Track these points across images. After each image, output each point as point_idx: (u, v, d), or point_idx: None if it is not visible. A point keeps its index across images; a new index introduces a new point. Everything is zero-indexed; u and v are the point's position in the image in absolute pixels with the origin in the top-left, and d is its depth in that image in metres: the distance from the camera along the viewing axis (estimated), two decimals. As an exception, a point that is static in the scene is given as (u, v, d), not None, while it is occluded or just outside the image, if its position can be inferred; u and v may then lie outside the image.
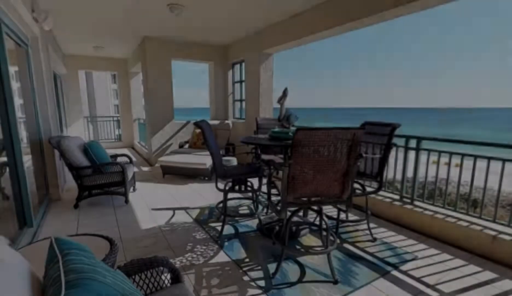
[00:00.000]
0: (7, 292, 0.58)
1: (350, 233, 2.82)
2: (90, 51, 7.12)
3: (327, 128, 1.80)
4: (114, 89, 33.74)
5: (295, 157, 1.86)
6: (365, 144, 2.85)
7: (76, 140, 3.63)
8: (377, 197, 3.28)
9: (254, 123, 4.22)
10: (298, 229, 2.75)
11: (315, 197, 2.07)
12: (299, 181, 1.95)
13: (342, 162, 1.93)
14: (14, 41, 2.97)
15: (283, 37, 4.51)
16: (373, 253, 2.43)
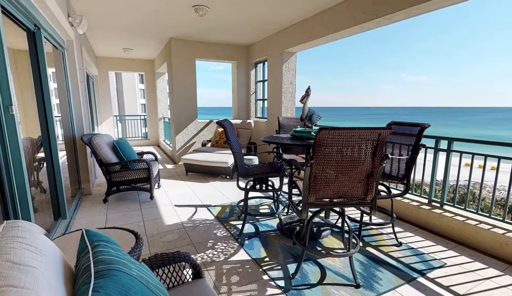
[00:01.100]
0: (45, 279, 0.63)
1: (374, 236, 2.74)
2: (119, 53, 7.46)
3: (351, 128, 1.75)
4: (142, 89, 35.05)
5: (317, 157, 1.83)
6: (391, 145, 2.74)
7: (106, 138, 3.82)
8: (403, 200, 3.15)
9: (276, 123, 4.21)
10: (319, 230, 2.71)
11: (338, 198, 2.03)
12: (321, 182, 1.92)
13: (366, 162, 1.87)
14: (52, 45, 3.17)
15: (306, 36, 4.45)
16: (398, 258, 2.34)
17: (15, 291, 0.53)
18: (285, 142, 2.61)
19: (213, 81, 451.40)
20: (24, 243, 0.69)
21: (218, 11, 4.07)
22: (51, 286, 0.64)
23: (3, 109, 1.69)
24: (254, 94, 6.69)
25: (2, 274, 0.56)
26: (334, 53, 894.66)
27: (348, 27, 3.65)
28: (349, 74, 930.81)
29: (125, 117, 10.19)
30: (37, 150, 2.95)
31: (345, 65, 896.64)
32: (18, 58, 3.37)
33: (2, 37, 1.69)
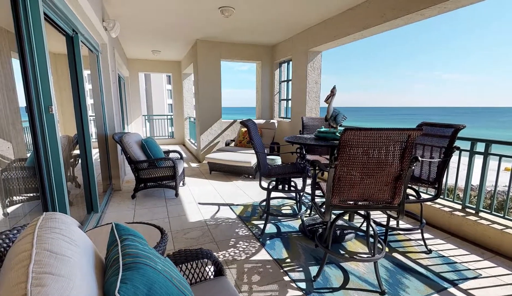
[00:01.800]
0: (78, 268, 0.67)
1: (401, 242, 2.62)
2: (149, 55, 7.76)
3: (378, 129, 1.69)
4: (169, 89, 36.21)
5: (342, 158, 1.79)
6: (422, 146, 2.61)
7: (135, 136, 3.99)
8: (434, 205, 2.99)
9: (300, 123, 4.17)
10: (343, 233, 2.65)
11: (363, 201, 1.97)
12: (345, 183, 1.87)
13: (394, 165, 1.80)
14: (88, 48, 3.37)
15: (333, 34, 4.36)
16: (427, 266, 2.22)
17: (52, 278, 0.57)
18: (308, 142, 2.57)
19: (238, 82, 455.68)
20: (60, 234, 0.74)
21: (243, 12, 4.11)
22: (83, 275, 0.68)
23: (43, 109, 1.83)
24: (278, 94, 6.67)
25: (41, 262, 0.60)
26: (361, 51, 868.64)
27: (376, 24, 3.53)
28: (376, 73, 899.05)
29: (153, 117, 10.59)
30: (73, 147, 3.14)
31: (372, 64, 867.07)
32: (58, 62, 3.62)
33: (45, 42, 1.82)
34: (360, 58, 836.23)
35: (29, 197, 2.07)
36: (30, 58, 1.73)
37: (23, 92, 1.78)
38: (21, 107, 1.91)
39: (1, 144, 1.89)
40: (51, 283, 0.56)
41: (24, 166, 2.12)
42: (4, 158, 1.93)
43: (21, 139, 2.13)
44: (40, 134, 1.81)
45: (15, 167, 2.04)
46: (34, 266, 0.58)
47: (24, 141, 2.18)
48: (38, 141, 1.80)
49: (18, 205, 2.04)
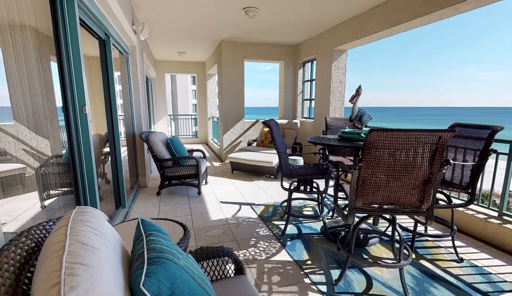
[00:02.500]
0: (107, 259, 0.71)
1: (429, 249, 2.49)
2: (175, 56, 8.00)
3: (406, 130, 1.63)
4: (193, 90, 37.07)
5: (366, 159, 1.74)
6: (454, 149, 2.47)
7: (160, 135, 4.13)
8: (466, 212, 2.81)
9: (323, 123, 4.10)
10: (367, 237, 2.57)
11: (388, 205, 1.90)
12: (370, 186, 1.82)
13: (423, 168, 1.72)
14: (119, 51, 3.54)
15: (359, 32, 4.25)
16: (457, 276, 2.10)
17: (83, 268, 0.60)
18: (332, 143, 2.52)
19: (261, 82, 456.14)
20: (91, 227, 0.78)
21: (267, 12, 4.11)
22: (111, 266, 0.71)
23: (78, 109, 1.94)
24: (301, 94, 6.61)
25: (74, 252, 0.64)
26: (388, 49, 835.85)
27: (405, 21, 3.39)
28: (404, 71, 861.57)
29: (178, 116, 10.88)
30: (104, 145, 3.31)
31: (400, 62, 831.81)
32: (91, 64, 3.84)
33: (80, 46, 1.93)
34: (386, 56, 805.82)
35: (64, 191, 2.21)
36: (67, 61, 1.85)
37: (60, 93, 1.91)
38: (58, 107, 2.04)
39: (40, 141, 2.03)
40: (82, 273, 0.59)
41: (59, 162, 2.26)
42: (43, 154, 2.07)
43: (57, 137, 2.28)
44: (74, 133, 1.93)
45: (52, 162, 2.18)
46: (67, 256, 0.62)
47: (60, 139, 2.33)
48: (72, 139, 1.92)
49: (54, 199, 2.18)
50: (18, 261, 0.72)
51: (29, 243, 0.79)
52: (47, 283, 0.57)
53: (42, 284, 0.58)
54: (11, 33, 1.75)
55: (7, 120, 1.80)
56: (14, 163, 1.82)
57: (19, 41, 1.83)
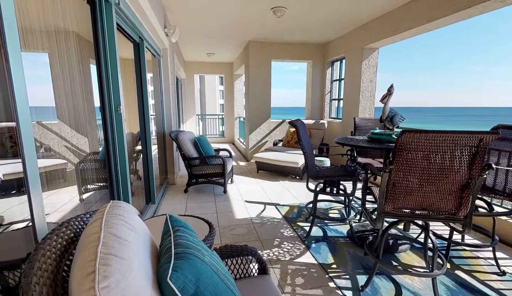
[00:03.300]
0: (137, 252, 0.74)
1: (466, 259, 2.33)
2: (204, 58, 8.20)
3: (442, 131, 1.53)
4: (221, 90, 37.72)
5: (398, 162, 1.66)
6: (497, 152, 2.28)
7: (189, 134, 4.25)
8: (510, 221, 2.59)
9: (352, 124, 3.98)
10: (396, 243, 2.45)
11: (421, 210, 1.80)
12: (401, 190, 1.73)
13: (461, 172, 1.60)
14: (151, 53, 3.70)
15: (391, 29, 4.07)
16: (499, 290, 1.94)
17: (115, 259, 0.64)
18: (361, 144, 2.44)
19: (287, 81, 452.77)
20: (123, 220, 0.82)
21: (295, 12, 4.08)
22: (141, 259, 0.75)
23: (113, 109, 2.06)
24: (329, 94, 6.46)
25: (108, 244, 0.68)
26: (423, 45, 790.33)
27: (444, 16, 3.19)
28: (441, 69, 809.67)
29: (206, 116, 11.14)
30: (136, 143, 3.48)
31: (436, 59, 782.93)
32: (126, 66, 4.04)
33: (116, 49, 2.05)
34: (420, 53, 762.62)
35: (100, 186, 2.36)
36: (104, 64, 1.97)
37: (98, 94, 2.04)
38: (95, 107, 2.18)
39: (80, 139, 2.18)
40: (114, 263, 0.63)
41: (96, 159, 2.42)
42: (82, 151, 2.23)
43: (95, 135, 2.43)
44: (110, 131, 2.04)
45: (90, 159, 2.34)
46: (102, 247, 0.66)
47: (97, 137, 2.48)
48: (108, 137, 2.04)
49: (90, 193, 2.33)
50: (59, 249, 0.79)
51: (68, 233, 0.85)
52: (83, 271, 0.61)
53: (79, 272, 0.62)
54: (57, 38, 1.90)
55: (51, 119, 1.96)
56: (57, 158, 1.97)
57: (63, 46, 1.98)
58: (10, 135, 1.58)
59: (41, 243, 0.76)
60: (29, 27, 1.43)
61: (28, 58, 1.09)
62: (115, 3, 2.03)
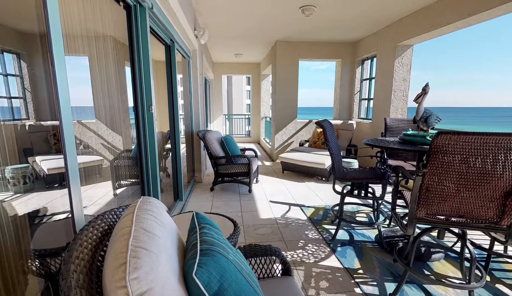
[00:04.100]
0: (165, 247, 0.78)
1: (509, 273, 2.14)
2: (231, 58, 8.32)
3: (483, 133, 1.42)
4: (248, 90, 38.02)
5: (432, 165, 1.57)
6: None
7: (216, 134, 4.34)
8: None
9: (382, 124, 3.82)
10: (429, 251, 2.32)
11: (457, 217, 1.69)
12: (435, 195, 1.64)
13: (504, 178, 1.48)
14: (181, 55, 3.82)
15: (428, 25, 3.85)
16: (549, 310, 1.76)
17: (145, 252, 0.67)
18: (392, 146, 2.34)
19: (315, 81, 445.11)
20: (153, 216, 0.86)
21: (324, 10, 4.00)
22: (168, 253, 0.78)
23: (145, 109, 2.16)
24: (358, 94, 6.26)
25: (138, 238, 0.72)
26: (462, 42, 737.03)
27: (488, 8, 2.96)
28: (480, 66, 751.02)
29: (232, 116, 11.29)
30: (166, 142, 3.62)
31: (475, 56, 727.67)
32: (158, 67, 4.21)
33: (149, 52, 2.14)
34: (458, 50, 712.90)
35: (132, 182, 2.49)
36: (138, 66, 2.07)
37: (131, 94, 2.15)
38: (129, 107, 2.30)
39: (115, 137, 2.32)
40: (143, 256, 0.66)
41: (129, 156, 2.55)
42: (116, 148, 2.36)
43: (128, 134, 2.57)
44: (142, 130, 2.14)
45: (123, 156, 2.47)
46: (133, 240, 0.70)
47: (130, 135, 2.62)
48: (140, 136, 2.14)
49: (123, 188, 2.47)
50: (95, 240, 0.84)
51: (103, 226, 0.91)
52: (116, 262, 0.65)
53: (111, 263, 0.66)
54: (96, 43, 2.03)
55: (90, 118, 2.10)
56: (94, 155, 2.11)
57: (101, 49, 2.11)
58: (54, 133, 1.71)
59: (79, 233, 0.82)
60: (71, 33, 1.54)
61: (70, 62, 1.18)
62: (149, 7, 2.12)
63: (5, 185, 1.28)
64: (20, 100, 1.61)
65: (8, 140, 1.15)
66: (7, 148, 1.14)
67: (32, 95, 1.63)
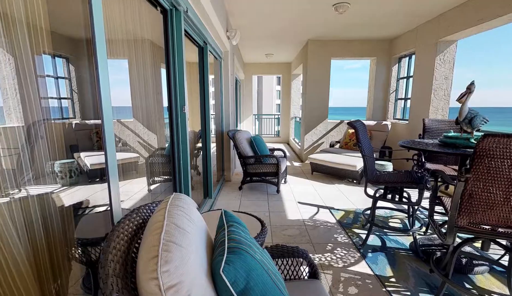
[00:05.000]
0: (194, 242, 0.80)
1: None
2: (262, 58, 8.36)
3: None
4: (278, 90, 37.94)
5: (477, 170, 1.45)
6: None
7: (245, 134, 4.38)
8: None
9: (420, 126, 3.61)
10: (471, 263, 2.14)
11: (506, 228, 1.54)
12: (479, 202, 1.51)
13: (562, 187, 1.32)
14: (213, 56, 3.92)
15: (475, 18, 3.55)
16: None
17: (175, 247, 0.70)
18: (430, 149, 2.20)
19: (347, 81, 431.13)
20: (183, 212, 0.90)
21: (359, 6, 3.87)
22: (197, 249, 0.80)
23: (179, 109, 2.24)
24: (394, 93, 5.96)
25: (170, 232, 0.75)
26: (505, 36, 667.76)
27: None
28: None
29: (262, 116, 11.33)
30: (197, 141, 3.73)
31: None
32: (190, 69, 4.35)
33: (183, 54, 2.23)
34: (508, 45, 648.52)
35: (164, 179, 2.60)
36: (173, 68, 2.16)
37: (166, 95, 2.25)
38: (164, 107, 2.41)
39: (150, 135, 2.44)
40: (174, 250, 0.69)
41: (163, 154, 2.67)
42: (151, 146, 2.48)
43: (162, 133, 2.69)
44: (175, 129, 2.23)
45: (157, 154, 2.59)
46: (164, 235, 0.73)
47: (164, 134, 2.74)
48: (173, 134, 2.23)
49: (157, 184, 2.59)
50: (130, 233, 0.89)
51: (138, 219, 0.96)
52: (148, 255, 0.68)
53: (145, 255, 0.70)
54: (135, 46, 2.16)
55: (128, 118, 2.24)
56: (131, 152, 2.24)
57: (140, 52, 2.24)
58: (96, 131, 1.85)
59: (116, 225, 0.88)
60: (113, 38, 1.65)
61: (112, 64, 1.27)
62: (184, 11, 2.20)
63: (54, 178, 1.40)
64: (68, 100, 1.76)
65: (58, 137, 1.26)
66: (56, 144, 1.25)
67: (78, 96, 1.77)
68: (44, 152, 1.21)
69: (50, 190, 1.37)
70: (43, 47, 1.17)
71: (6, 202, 1.00)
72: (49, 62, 1.55)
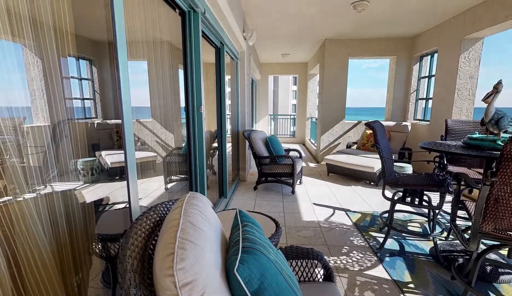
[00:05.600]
0: (209, 241, 0.81)
1: None
2: (278, 59, 8.33)
3: None
4: (294, 90, 37.67)
5: (504, 173, 1.38)
6: None
7: (261, 134, 4.39)
8: None
9: (442, 127, 3.47)
10: (497, 271, 2.04)
11: (534, 237, 1.45)
12: (506, 208, 1.44)
13: None
14: (230, 57, 3.95)
15: (503, 14, 3.38)
16: None
17: (190, 245, 0.71)
18: (453, 151, 2.11)
19: (365, 80, 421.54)
20: (199, 210, 0.91)
21: (378, 4, 3.77)
22: (212, 248, 0.81)
23: (196, 109, 2.28)
24: (415, 93, 5.77)
25: (185, 230, 0.76)
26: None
27: None
28: None
29: (278, 116, 11.30)
30: (213, 141, 3.78)
31: None
32: (207, 70, 4.41)
33: (200, 55, 2.26)
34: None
35: (181, 178, 2.65)
36: (190, 68, 2.20)
37: (183, 95, 2.29)
38: (181, 107, 2.45)
39: (167, 135, 2.49)
40: (189, 248, 0.70)
41: (180, 153, 2.72)
42: (169, 146, 2.54)
43: (179, 132, 2.74)
44: (192, 129, 2.27)
45: (174, 153, 2.65)
46: (180, 233, 0.74)
47: (181, 134, 2.79)
48: (190, 134, 2.27)
49: (173, 183, 2.64)
50: (147, 230, 0.92)
51: (155, 217, 0.99)
52: (165, 252, 0.70)
53: (161, 252, 0.71)
54: (154, 48, 2.21)
55: (147, 118, 2.30)
56: (149, 151, 2.30)
57: (158, 54, 2.29)
58: (116, 131, 1.91)
59: (135, 222, 0.90)
60: (134, 40, 1.70)
61: (132, 66, 1.30)
62: (202, 12, 2.23)
63: (77, 176, 1.46)
64: (91, 101, 1.83)
65: (81, 136, 1.31)
66: (79, 143, 1.31)
67: (100, 96, 1.84)
68: (68, 150, 1.26)
69: (73, 186, 1.43)
70: (68, 50, 1.22)
71: (33, 197, 1.05)
72: (73, 64, 1.62)
